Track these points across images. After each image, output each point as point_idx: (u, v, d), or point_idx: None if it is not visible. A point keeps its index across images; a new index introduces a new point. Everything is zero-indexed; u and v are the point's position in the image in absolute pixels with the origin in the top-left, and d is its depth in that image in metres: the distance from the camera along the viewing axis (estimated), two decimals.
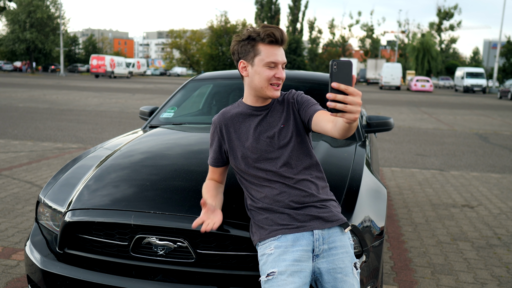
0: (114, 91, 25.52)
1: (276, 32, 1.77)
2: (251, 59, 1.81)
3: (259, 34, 1.78)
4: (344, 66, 1.38)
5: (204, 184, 1.99)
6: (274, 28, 1.78)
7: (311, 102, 1.85)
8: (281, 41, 1.79)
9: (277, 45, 1.79)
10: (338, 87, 1.36)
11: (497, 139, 10.78)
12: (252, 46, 1.80)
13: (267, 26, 1.78)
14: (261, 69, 1.79)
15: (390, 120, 3.53)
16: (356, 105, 1.36)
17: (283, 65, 1.82)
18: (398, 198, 5.28)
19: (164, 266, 1.92)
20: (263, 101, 1.88)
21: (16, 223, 4.05)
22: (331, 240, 1.74)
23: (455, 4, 65.69)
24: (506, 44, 55.71)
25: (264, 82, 1.80)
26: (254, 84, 1.83)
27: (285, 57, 1.83)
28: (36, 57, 60.29)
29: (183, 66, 77.54)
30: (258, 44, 1.79)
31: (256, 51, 1.79)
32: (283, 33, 1.79)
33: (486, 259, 3.60)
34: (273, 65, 1.78)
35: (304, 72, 3.90)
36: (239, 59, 1.85)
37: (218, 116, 1.96)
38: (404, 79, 59.70)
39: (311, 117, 1.79)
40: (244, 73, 1.86)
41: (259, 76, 1.80)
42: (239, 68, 1.87)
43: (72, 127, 10.45)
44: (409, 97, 29.51)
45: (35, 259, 2.09)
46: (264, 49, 1.78)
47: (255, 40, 1.79)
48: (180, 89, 3.87)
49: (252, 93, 1.87)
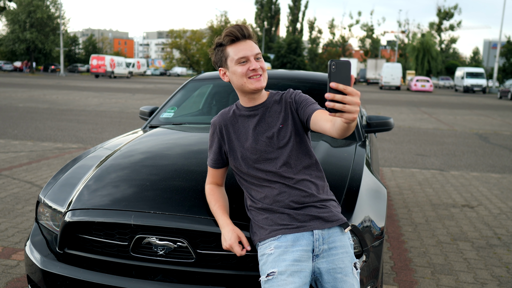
0: (114, 91, 25.53)
1: (234, 29, 1.81)
2: (225, 64, 1.86)
3: (222, 38, 1.83)
4: (343, 66, 1.38)
5: (209, 192, 1.96)
6: (232, 27, 1.82)
7: (309, 101, 1.85)
8: (243, 36, 1.82)
9: (241, 41, 1.82)
10: (336, 87, 1.36)
11: (497, 139, 10.78)
12: (221, 51, 1.86)
13: (227, 28, 1.83)
14: (235, 68, 1.82)
15: (390, 120, 3.53)
16: (354, 105, 1.36)
17: (256, 57, 1.82)
18: (398, 198, 5.28)
19: (164, 266, 1.92)
20: (255, 99, 1.89)
21: (16, 223, 4.05)
22: (331, 240, 1.74)
23: (455, 4, 65.73)
24: (506, 44, 55.70)
25: (241, 78, 1.82)
26: (235, 84, 1.86)
27: (257, 48, 1.84)
28: (36, 57, 60.31)
29: (183, 66, 77.54)
30: (226, 48, 1.84)
31: (226, 55, 1.84)
32: (243, 27, 1.82)
33: (486, 259, 3.60)
34: (243, 60, 1.80)
35: (304, 72, 3.90)
36: (218, 67, 1.91)
37: (217, 117, 1.97)
38: (404, 79, 59.69)
39: (310, 117, 1.78)
40: (225, 78, 1.90)
41: (235, 75, 1.83)
42: (221, 76, 1.92)
43: (72, 127, 10.45)
44: (409, 97, 29.51)
45: (35, 259, 2.09)
46: (230, 49, 1.82)
47: (222, 45, 1.85)
48: (180, 89, 3.87)
49: (241, 94, 1.90)
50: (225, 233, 1.80)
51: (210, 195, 1.95)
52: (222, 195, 1.95)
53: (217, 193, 1.95)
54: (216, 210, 1.88)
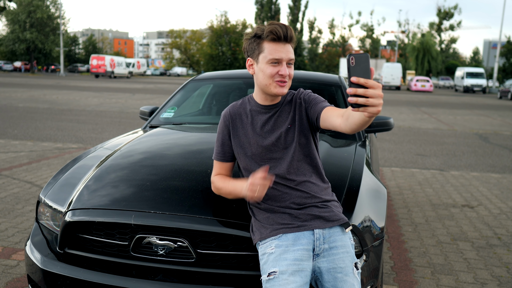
0: (114, 91, 25.52)
1: (280, 29, 1.74)
2: (256, 57, 1.81)
3: (263, 32, 1.77)
4: (361, 60, 1.35)
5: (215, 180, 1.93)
6: (278, 25, 1.76)
7: (318, 100, 1.84)
8: (285, 38, 1.76)
9: (281, 42, 1.76)
10: (357, 81, 1.33)
11: (497, 139, 10.78)
12: (257, 44, 1.79)
13: (273, 24, 1.76)
14: (265, 66, 1.78)
15: (390, 120, 3.53)
16: (377, 97, 1.34)
17: (289, 62, 1.79)
18: (398, 198, 5.28)
19: (164, 266, 1.92)
20: (271, 99, 1.87)
21: (16, 223, 4.05)
22: (331, 240, 1.74)
23: (455, 4, 65.70)
24: (506, 44, 55.71)
25: (268, 79, 1.78)
26: (259, 81, 1.82)
27: (292, 54, 1.79)
28: (36, 57, 60.28)
29: (183, 66, 77.53)
30: (263, 42, 1.78)
31: (261, 49, 1.78)
32: (289, 30, 1.76)
33: (486, 259, 3.60)
34: (276, 62, 1.76)
35: (305, 72, 3.91)
36: (247, 57, 1.86)
37: (228, 109, 1.94)
38: (404, 79, 59.69)
39: (319, 115, 1.77)
40: (251, 70, 1.86)
41: (262, 73, 1.79)
42: (247, 66, 1.87)
43: (72, 127, 10.45)
44: (409, 97, 29.51)
45: (36, 259, 2.09)
46: (268, 46, 1.77)
47: (260, 38, 1.78)
48: (180, 89, 3.87)
49: (260, 90, 1.86)
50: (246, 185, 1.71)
51: (217, 182, 1.92)
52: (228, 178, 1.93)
53: (223, 177, 1.93)
54: (229, 184, 1.86)
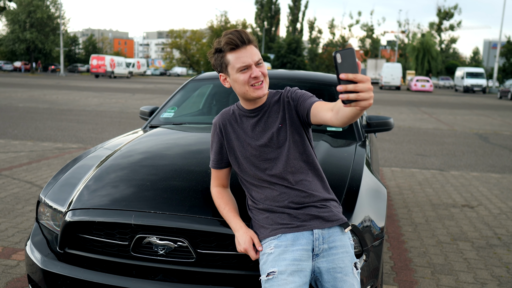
0: (114, 91, 25.52)
1: (233, 36, 1.75)
2: (225, 70, 1.83)
3: (221, 45, 1.78)
4: (348, 55, 1.36)
5: (216, 195, 1.94)
6: (231, 33, 1.76)
7: (306, 96, 1.84)
8: (243, 42, 1.76)
9: (241, 48, 1.77)
10: (346, 77, 1.33)
11: (497, 139, 10.79)
12: (221, 57, 1.81)
13: (226, 34, 1.77)
14: (236, 76, 1.79)
15: (390, 120, 3.53)
16: (368, 91, 1.34)
17: (257, 62, 1.79)
18: (398, 198, 5.28)
19: (164, 266, 1.93)
20: (255, 103, 1.88)
21: (16, 223, 4.05)
22: (331, 240, 1.75)
23: (455, 4, 65.76)
24: (506, 44, 55.71)
25: (243, 86, 1.79)
26: (237, 91, 1.83)
27: (257, 54, 1.79)
28: (36, 57, 60.28)
29: (183, 66, 77.53)
30: (225, 54, 1.79)
31: (226, 62, 1.80)
32: (243, 33, 1.76)
33: (486, 259, 3.60)
34: (245, 68, 1.77)
35: (304, 72, 3.91)
36: (218, 72, 1.88)
37: (218, 117, 1.96)
38: (404, 79, 59.68)
39: (309, 110, 1.77)
40: (226, 84, 1.88)
41: (237, 83, 1.80)
42: (221, 81, 1.89)
43: (72, 127, 10.45)
44: (409, 97, 29.51)
45: (36, 259, 2.09)
46: (231, 57, 1.78)
47: (221, 51, 1.79)
48: (180, 89, 3.87)
49: (241, 98, 1.88)
50: (239, 236, 1.78)
51: (218, 198, 1.92)
52: (230, 198, 1.94)
53: (225, 196, 1.93)
54: (227, 213, 1.86)
